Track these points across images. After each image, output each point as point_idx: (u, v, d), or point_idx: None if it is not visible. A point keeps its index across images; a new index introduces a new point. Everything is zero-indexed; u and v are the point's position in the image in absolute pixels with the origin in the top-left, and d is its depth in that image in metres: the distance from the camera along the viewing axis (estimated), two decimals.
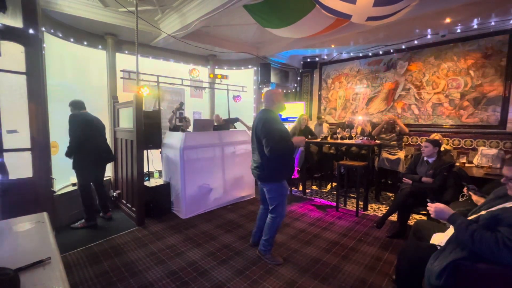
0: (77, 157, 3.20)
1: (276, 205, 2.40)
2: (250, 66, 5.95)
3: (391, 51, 5.17)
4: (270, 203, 2.45)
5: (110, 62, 4.23)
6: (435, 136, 4.04)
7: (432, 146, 2.99)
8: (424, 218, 3.15)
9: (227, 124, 4.81)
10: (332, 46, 5.17)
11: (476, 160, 4.05)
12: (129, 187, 3.61)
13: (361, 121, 5.02)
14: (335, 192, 4.36)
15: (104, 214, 3.53)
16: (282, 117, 6.03)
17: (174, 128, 4.32)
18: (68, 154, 3.19)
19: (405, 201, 2.89)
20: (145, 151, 3.65)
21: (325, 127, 5.58)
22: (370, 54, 5.45)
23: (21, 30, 2.55)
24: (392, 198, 4.44)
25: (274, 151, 2.18)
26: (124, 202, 3.79)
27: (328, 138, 4.50)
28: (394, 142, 4.42)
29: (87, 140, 3.21)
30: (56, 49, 3.63)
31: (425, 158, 3.07)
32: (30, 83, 2.61)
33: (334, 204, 4.02)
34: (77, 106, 3.31)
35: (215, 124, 4.57)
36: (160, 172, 4.30)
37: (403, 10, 2.81)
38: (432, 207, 1.62)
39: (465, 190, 2.31)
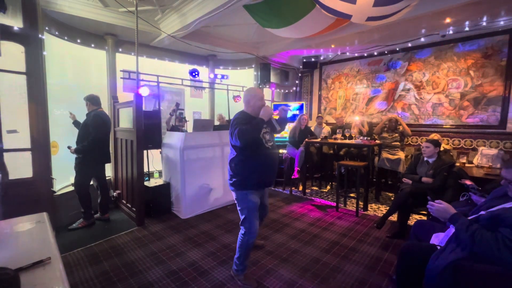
0: (88, 156, 3.19)
1: (243, 219, 2.13)
2: (250, 66, 5.95)
3: (391, 51, 5.16)
4: (240, 215, 2.18)
5: (110, 62, 4.23)
6: (434, 136, 4.04)
7: (433, 147, 2.99)
8: (424, 218, 3.15)
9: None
10: (332, 46, 5.16)
11: (476, 160, 4.05)
12: (129, 187, 3.61)
13: (357, 121, 4.98)
14: (335, 192, 4.36)
15: (102, 215, 3.49)
16: None
17: (172, 129, 4.31)
18: (81, 151, 3.17)
19: (405, 201, 2.89)
20: (145, 151, 3.65)
21: (326, 129, 5.53)
22: (370, 54, 5.45)
23: (21, 30, 2.55)
24: (392, 198, 4.44)
25: (240, 133, 1.91)
26: (124, 202, 3.78)
27: (328, 138, 4.50)
28: (397, 143, 4.40)
29: (104, 139, 3.34)
30: (56, 49, 3.63)
31: (425, 158, 3.07)
32: (30, 83, 2.62)
33: (334, 204, 4.02)
34: (95, 102, 3.34)
35: (218, 123, 4.56)
36: (160, 172, 4.30)
37: (403, 10, 2.81)
38: (435, 205, 1.62)
39: (467, 181, 2.34)
